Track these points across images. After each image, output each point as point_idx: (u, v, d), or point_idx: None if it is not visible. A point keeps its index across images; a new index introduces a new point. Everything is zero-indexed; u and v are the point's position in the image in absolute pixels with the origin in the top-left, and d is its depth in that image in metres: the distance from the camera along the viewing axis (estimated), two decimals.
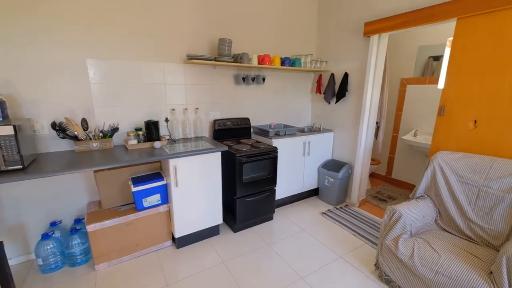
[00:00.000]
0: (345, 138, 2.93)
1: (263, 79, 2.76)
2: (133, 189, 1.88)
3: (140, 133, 2.09)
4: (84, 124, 1.91)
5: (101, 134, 1.99)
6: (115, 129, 2.05)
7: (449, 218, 1.80)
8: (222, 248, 2.14)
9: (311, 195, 3.15)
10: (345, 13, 2.77)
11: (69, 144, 1.96)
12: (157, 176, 2.04)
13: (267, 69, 2.80)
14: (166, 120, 2.27)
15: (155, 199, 2.01)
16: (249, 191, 2.33)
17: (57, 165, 1.60)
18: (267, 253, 2.09)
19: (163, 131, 2.31)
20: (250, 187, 2.32)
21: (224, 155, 2.28)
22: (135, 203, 1.95)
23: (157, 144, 2.05)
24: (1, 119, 1.57)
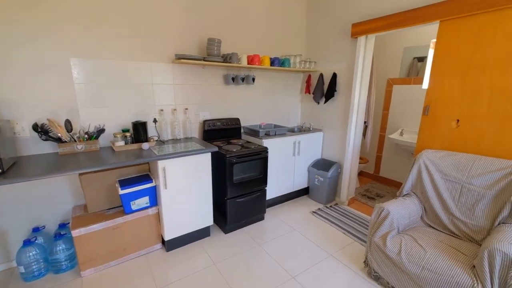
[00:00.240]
0: (334, 138, 2.98)
1: (253, 79, 2.76)
2: (121, 191, 1.84)
3: (128, 134, 2.04)
4: (68, 125, 1.85)
5: (86, 136, 1.93)
6: (101, 131, 1.99)
7: (434, 214, 1.86)
8: (213, 249, 2.12)
9: (301, 194, 3.18)
10: (333, 14, 2.81)
11: (52, 147, 1.89)
12: (145, 178, 2.00)
13: (257, 69, 2.80)
14: (155, 120, 2.23)
15: (143, 201, 1.97)
16: (240, 192, 2.32)
17: (39, 168, 1.54)
18: (258, 253, 2.09)
19: (152, 132, 2.27)
20: (240, 188, 2.31)
21: (214, 155, 2.26)
22: (123, 206, 1.91)
23: (145, 146, 2.01)
24: None
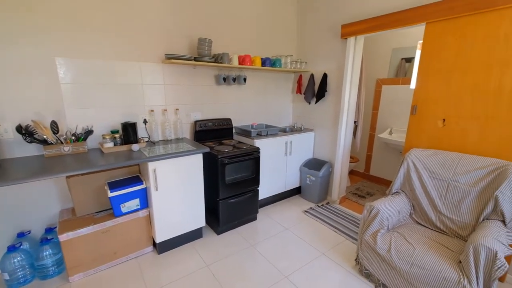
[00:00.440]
0: (325, 137, 3.01)
1: (244, 80, 2.75)
2: (110, 194, 1.80)
3: (117, 135, 2.00)
4: (54, 127, 1.79)
5: (73, 138, 1.88)
6: (89, 132, 1.94)
7: (422, 212, 1.90)
8: (205, 251, 2.11)
9: (293, 193, 3.20)
10: (323, 15, 2.84)
11: (37, 149, 1.83)
12: (135, 180, 1.97)
13: (248, 70, 2.80)
14: (145, 121, 2.20)
15: (134, 204, 1.94)
16: (232, 192, 2.31)
17: (23, 171, 1.49)
18: (251, 254, 2.09)
19: (142, 133, 2.23)
20: (233, 188, 2.30)
21: (206, 156, 2.25)
22: (113, 209, 1.87)
23: (135, 147, 1.97)
24: None
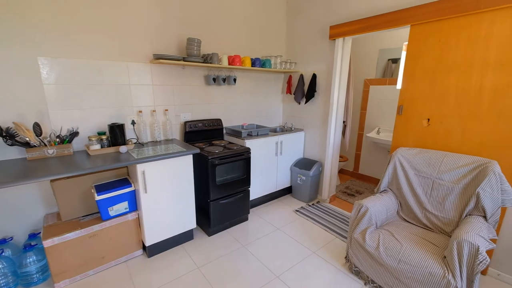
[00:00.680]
0: (315, 137, 3.04)
1: (234, 80, 2.74)
2: (97, 197, 1.76)
3: (104, 137, 1.96)
4: (37, 129, 1.73)
5: (58, 140, 1.82)
6: (74, 134, 1.89)
7: (409, 209, 1.96)
8: (196, 253, 2.09)
9: (284, 193, 3.22)
10: (312, 16, 2.86)
11: (20, 152, 1.77)
12: (124, 182, 1.93)
13: (238, 70, 2.79)
14: (133, 122, 2.15)
15: (122, 207, 1.90)
16: (223, 193, 2.30)
17: (4, 175, 1.43)
18: (242, 254, 2.09)
19: (130, 134, 2.19)
20: (224, 189, 2.29)
21: (196, 157, 2.23)
22: (100, 213, 1.82)
23: (123, 149, 1.93)
24: None
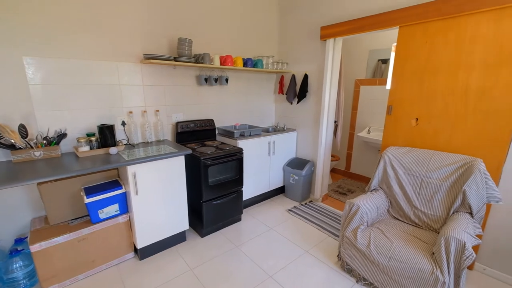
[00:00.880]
0: (307, 137, 3.06)
1: (226, 80, 2.74)
2: (86, 200, 1.72)
3: (93, 138, 1.92)
4: (23, 130, 1.68)
5: (44, 142, 1.78)
6: (62, 135, 1.85)
7: (399, 207, 2.00)
8: (189, 254, 2.08)
9: (277, 193, 3.23)
10: (304, 17, 2.88)
11: (4, 154, 1.71)
12: (114, 184, 1.90)
13: (230, 70, 2.78)
14: (123, 123, 2.12)
15: (113, 209, 1.87)
16: (216, 194, 2.29)
17: None
18: (236, 255, 2.08)
19: (120, 135, 2.15)
20: (216, 190, 2.28)
21: (188, 158, 2.21)
22: (90, 216, 1.79)
23: (113, 150, 1.90)
24: None
